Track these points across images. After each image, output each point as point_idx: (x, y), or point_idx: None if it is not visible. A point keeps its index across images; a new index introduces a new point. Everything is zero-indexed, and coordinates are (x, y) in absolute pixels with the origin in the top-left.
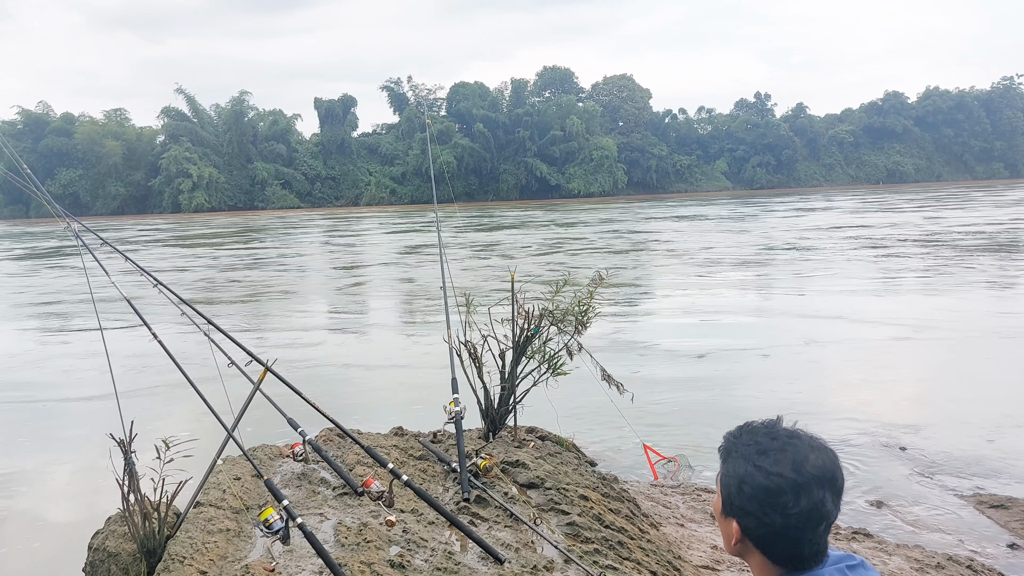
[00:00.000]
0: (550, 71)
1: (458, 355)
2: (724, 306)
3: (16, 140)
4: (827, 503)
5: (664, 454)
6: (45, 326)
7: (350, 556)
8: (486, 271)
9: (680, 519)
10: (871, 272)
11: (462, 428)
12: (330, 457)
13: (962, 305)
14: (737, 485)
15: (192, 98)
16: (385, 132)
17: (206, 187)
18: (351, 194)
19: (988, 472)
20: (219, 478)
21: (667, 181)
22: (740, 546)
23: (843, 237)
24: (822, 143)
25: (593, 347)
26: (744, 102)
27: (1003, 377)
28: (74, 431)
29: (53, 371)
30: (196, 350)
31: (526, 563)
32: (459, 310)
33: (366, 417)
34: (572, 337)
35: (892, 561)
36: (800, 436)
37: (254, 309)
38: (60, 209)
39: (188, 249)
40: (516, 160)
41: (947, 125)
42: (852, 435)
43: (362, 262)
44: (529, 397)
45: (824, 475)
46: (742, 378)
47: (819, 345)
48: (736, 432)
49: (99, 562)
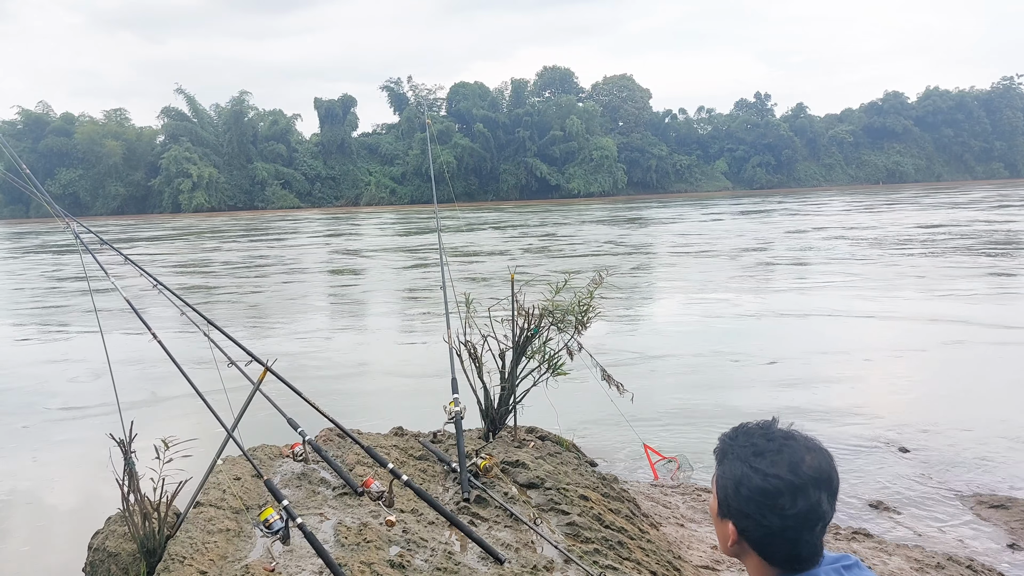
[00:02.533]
0: (550, 71)
1: (458, 355)
2: (724, 305)
3: (16, 140)
4: (823, 504)
5: (664, 454)
6: (44, 326)
7: (350, 556)
8: (486, 271)
9: (680, 519)
10: (871, 272)
11: (462, 428)
12: (330, 457)
13: (962, 305)
14: (734, 487)
15: (192, 98)
16: (385, 132)
17: (206, 187)
18: (351, 194)
19: (988, 472)
20: (219, 478)
21: (667, 181)
22: (736, 547)
23: (842, 237)
24: (822, 143)
25: (593, 347)
26: (744, 102)
27: (1003, 377)
28: (74, 431)
29: (53, 371)
30: (196, 350)
31: (526, 563)
32: (459, 310)
33: (366, 417)
34: (572, 337)
35: (892, 561)
36: (796, 437)
37: (254, 309)
38: (60, 209)
39: (189, 250)
40: (516, 160)
41: (947, 125)
42: (852, 435)
43: (362, 262)
44: (529, 397)
45: (820, 476)
46: (742, 378)
47: (819, 345)
48: (732, 433)
49: (99, 562)
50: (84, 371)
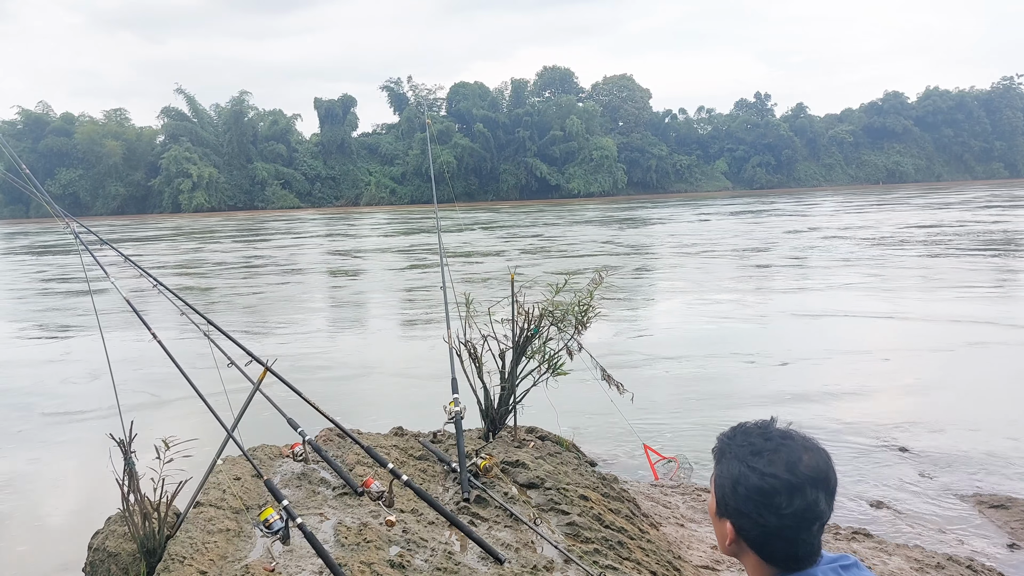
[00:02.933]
0: (550, 71)
1: (458, 355)
2: (724, 305)
3: (16, 140)
4: (821, 503)
5: (664, 454)
6: (44, 326)
7: (350, 556)
8: (487, 270)
9: (680, 519)
10: (870, 273)
11: (462, 428)
12: (330, 457)
13: (963, 306)
14: (731, 486)
15: (192, 98)
16: (385, 132)
17: (206, 187)
18: (351, 194)
19: (988, 472)
20: (219, 478)
21: (667, 181)
22: (734, 546)
23: (839, 237)
24: (822, 143)
25: (593, 347)
26: (744, 102)
27: (1003, 378)
28: (74, 431)
29: (52, 371)
30: (196, 350)
31: (526, 563)
32: (459, 310)
33: (366, 417)
34: (572, 337)
35: (892, 561)
36: (793, 437)
37: (253, 309)
38: (59, 209)
39: (191, 250)
40: (516, 160)
41: (947, 125)
42: (852, 435)
43: (362, 262)
44: (529, 397)
45: (818, 475)
46: (743, 378)
47: (819, 345)
48: (730, 433)
49: (99, 562)
50: (84, 371)
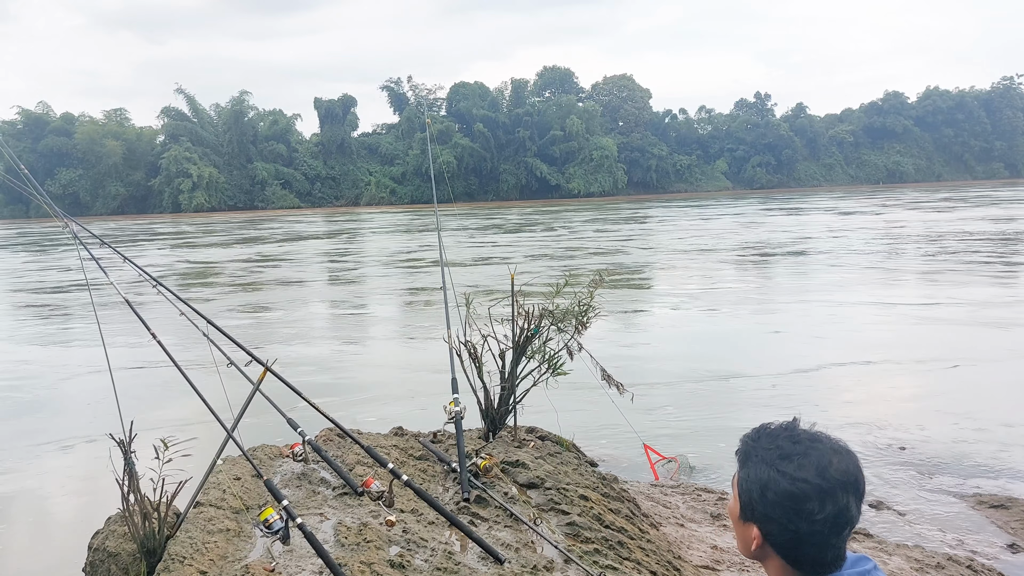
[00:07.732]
0: (550, 71)
1: (458, 355)
2: (724, 305)
3: (16, 140)
4: (852, 508)
5: (664, 454)
6: (43, 326)
7: (350, 556)
8: (489, 270)
9: (680, 519)
10: (870, 272)
11: (462, 428)
12: (330, 457)
13: (963, 305)
14: (760, 491)
15: (192, 98)
16: (385, 132)
17: (206, 187)
18: (351, 194)
19: (988, 472)
20: (219, 478)
21: (667, 181)
22: (759, 551)
23: (838, 237)
24: (822, 143)
25: (593, 347)
26: (744, 102)
27: (1003, 378)
28: (74, 431)
29: (52, 371)
30: (195, 350)
31: (526, 563)
32: (459, 310)
33: (366, 417)
34: (572, 337)
35: (892, 561)
36: (821, 439)
37: (253, 309)
38: (59, 210)
39: (190, 250)
40: (516, 160)
41: (947, 125)
42: (852, 435)
43: (362, 262)
44: (529, 397)
45: (848, 479)
46: (743, 377)
47: (819, 345)
48: (754, 435)
49: (99, 562)
50: (83, 371)
